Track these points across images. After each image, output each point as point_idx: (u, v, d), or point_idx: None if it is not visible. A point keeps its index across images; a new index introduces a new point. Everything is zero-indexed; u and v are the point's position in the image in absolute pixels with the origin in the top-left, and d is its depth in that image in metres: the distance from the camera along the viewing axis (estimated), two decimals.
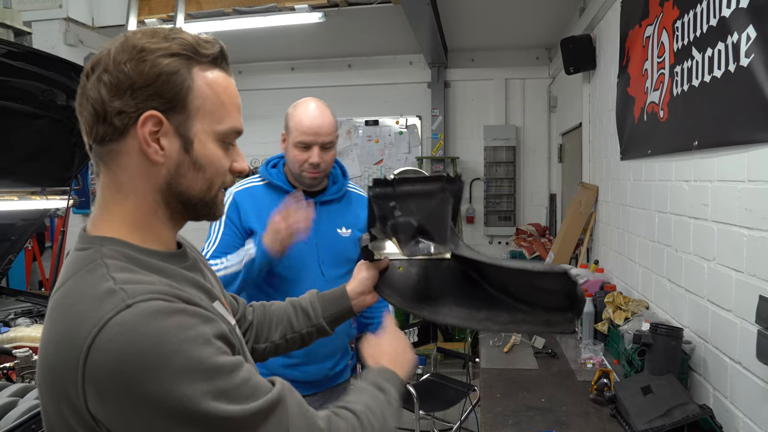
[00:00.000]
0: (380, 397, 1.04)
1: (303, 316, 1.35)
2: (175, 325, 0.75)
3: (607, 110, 3.54)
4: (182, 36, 0.87)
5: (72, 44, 4.92)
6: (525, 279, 1.19)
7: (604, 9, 3.69)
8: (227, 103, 0.90)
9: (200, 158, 0.88)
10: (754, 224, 1.69)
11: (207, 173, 0.89)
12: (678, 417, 1.74)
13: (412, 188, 1.34)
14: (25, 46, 2.49)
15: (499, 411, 2.06)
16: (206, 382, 0.74)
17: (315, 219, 1.94)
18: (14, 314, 2.78)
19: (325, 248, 1.99)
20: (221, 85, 0.90)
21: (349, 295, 1.36)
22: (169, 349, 0.73)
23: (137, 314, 0.74)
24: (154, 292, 0.77)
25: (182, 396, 0.73)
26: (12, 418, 1.68)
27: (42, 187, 2.91)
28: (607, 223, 3.65)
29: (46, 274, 5.72)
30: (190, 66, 0.86)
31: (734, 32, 1.74)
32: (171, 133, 0.85)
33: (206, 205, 0.92)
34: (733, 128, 1.80)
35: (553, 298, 1.16)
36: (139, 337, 0.72)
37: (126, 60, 0.82)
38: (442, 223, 1.32)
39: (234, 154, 0.94)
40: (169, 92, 0.84)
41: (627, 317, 2.56)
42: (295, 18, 4.71)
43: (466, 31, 5.68)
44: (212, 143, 0.89)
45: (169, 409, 0.73)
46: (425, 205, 1.31)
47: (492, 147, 6.38)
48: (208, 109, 0.88)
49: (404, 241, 1.31)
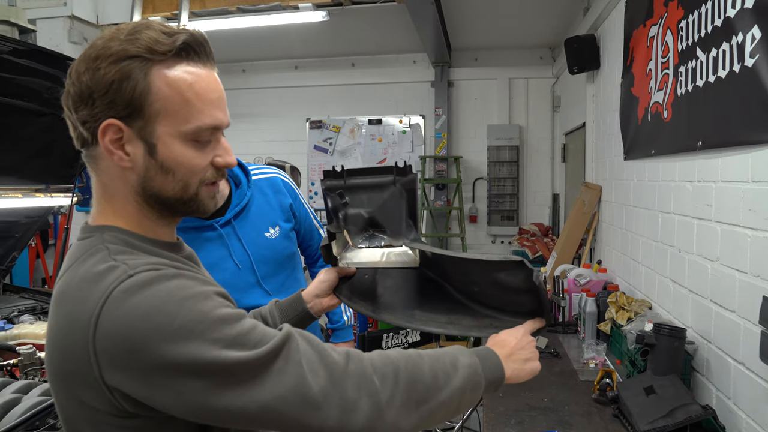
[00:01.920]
0: (445, 353, 0.96)
1: (263, 323, 1.35)
2: (176, 286, 0.79)
3: (611, 110, 3.53)
4: (140, 36, 0.82)
5: (76, 42, 4.93)
6: (485, 274, 1.18)
7: (609, 9, 3.68)
8: (193, 101, 0.85)
9: (167, 161, 0.85)
10: (758, 225, 1.68)
11: (177, 175, 0.87)
12: (681, 417, 1.74)
13: (363, 180, 1.33)
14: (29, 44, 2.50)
15: (501, 410, 2.06)
16: (213, 332, 0.77)
17: (238, 238, 1.82)
18: (18, 311, 2.79)
19: (261, 262, 1.85)
20: (185, 81, 0.84)
21: (305, 298, 1.33)
22: (173, 307, 0.76)
23: (139, 281, 0.77)
24: (154, 264, 0.81)
25: (191, 348, 0.75)
26: (16, 414, 1.69)
27: (46, 185, 2.92)
28: (611, 223, 3.64)
29: (49, 272, 5.73)
30: (146, 67, 0.82)
31: (739, 32, 1.73)
32: (134, 138, 0.84)
33: (186, 203, 0.90)
34: (737, 129, 1.80)
35: (519, 299, 1.14)
36: (143, 300, 0.76)
37: (84, 70, 0.82)
38: (394, 216, 1.30)
39: (216, 148, 0.90)
40: (123, 99, 0.82)
41: (630, 317, 2.56)
42: (299, 17, 4.71)
43: (469, 30, 5.67)
44: (179, 145, 0.86)
45: (182, 363, 0.75)
46: (376, 197, 1.30)
47: (495, 146, 6.37)
48: (171, 110, 0.84)
49: (355, 232, 1.29)
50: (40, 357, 2.16)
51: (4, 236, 3.16)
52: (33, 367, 2.12)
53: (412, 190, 1.31)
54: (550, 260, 4.45)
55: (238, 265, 1.80)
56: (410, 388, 0.88)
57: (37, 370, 2.13)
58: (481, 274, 1.19)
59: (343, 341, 2.16)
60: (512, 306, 1.17)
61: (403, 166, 1.32)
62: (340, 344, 2.09)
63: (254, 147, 6.54)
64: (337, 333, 2.16)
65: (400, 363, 0.89)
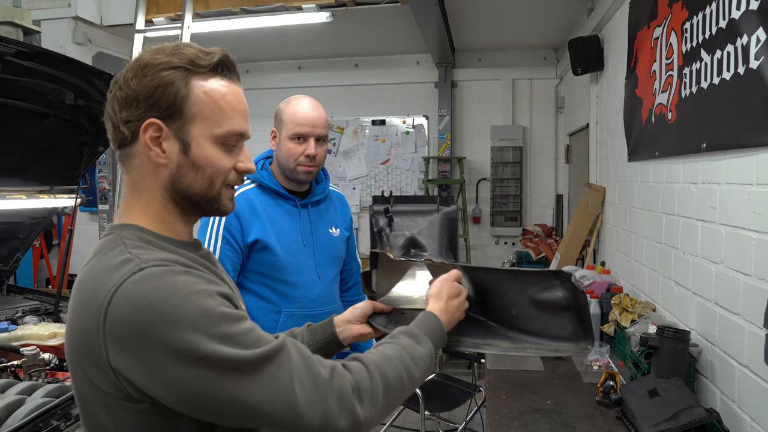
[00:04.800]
0: (407, 348, 1.06)
1: None
2: (183, 281, 0.86)
3: (615, 111, 3.53)
4: (183, 51, 0.96)
5: (80, 43, 4.95)
6: (523, 292, 1.19)
7: (613, 10, 3.67)
8: (225, 109, 0.97)
9: (198, 159, 0.97)
10: (763, 227, 1.68)
11: (206, 173, 0.97)
12: (685, 420, 1.73)
13: (408, 207, 1.44)
14: (34, 46, 2.51)
15: (504, 412, 2.06)
16: (213, 327, 0.84)
17: (310, 222, 1.99)
18: (22, 312, 2.80)
19: (321, 250, 2.01)
20: (219, 92, 0.97)
21: (335, 322, 1.36)
22: (178, 300, 0.83)
23: (149, 274, 0.85)
24: (165, 260, 0.89)
25: (191, 339, 0.82)
26: (20, 416, 1.69)
27: (50, 186, 2.93)
28: (614, 225, 3.63)
29: (53, 272, 5.75)
30: (187, 77, 0.95)
31: (744, 34, 1.73)
32: (171, 137, 0.95)
33: (209, 201, 1.00)
34: (742, 131, 1.79)
35: (559, 321, 1.14)
36: (151, 290, 0.83)
37: (132, 77, 0.94)
38: (435, 239, 1.36)
39: (239, 154, 1.02)
40: (166, 101, 0.94)
41: (633, 319, 2.55)
42: (303, 17, 4.71)
43: (473, 31, 5.67)
44: (210, 145, 0.97)
45: (180, 352, 0.82)
46: (420, 221, 1.39)
47: (499, 147, 6.37)
48: (205, 114, 0.96)
49: (397, 250, 1.33)
50: (44, 358, 2.17)
51: (9, 237, 3.17)
52: (37, 369, 2.13)
53: (454, 219, 1.40)
54: (554, 261, 4.44)
55: (304, 243, 1.96)
56: (385, 399, 0.98)
57: (40, 372, 2.13)
58: (520, 291, 1.21)
59: None
60: (552, 329, 1.18)
61: (446, 197, 1.40)
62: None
63: (258, 147, 6.43)
64: None
65: (375, 376, 0.97)
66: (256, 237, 1.87)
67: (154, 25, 4.75)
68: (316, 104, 1.95)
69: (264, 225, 1.89)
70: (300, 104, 1.93)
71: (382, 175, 6.69)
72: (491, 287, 1.28)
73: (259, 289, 1.91)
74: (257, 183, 1.96)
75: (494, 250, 6.57)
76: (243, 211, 1.89)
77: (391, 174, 6.68)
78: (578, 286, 1.12)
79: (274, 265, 1.90)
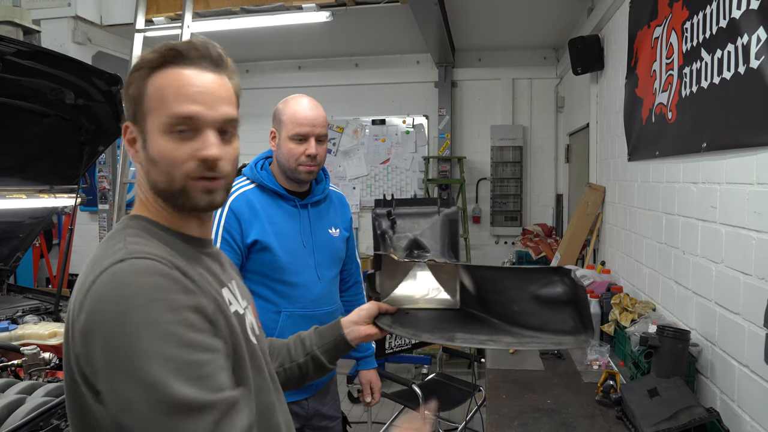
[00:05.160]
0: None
1: (300, 345, 1.38)
2: (152, 284, 0.83)
3: (615, 111, 3.53)
4: (152, 50, 0.97)
5: (80, 42, 4.95)
6: (524, 288, 1.21)
7: (613, 9, 3.67)
8: (168, 95, 0.94)
9: (153, 153, 0.95)
10: (763, 227, 1.68)
11: (161, 166, 0.95)
12: (685, 420, 1.73)
13: (409, 209, 1.46)
14: (34, 45, 2.51)
15: (504, 412, 2.06)
16: (159, 344, 0.79)
17: (309, 222, 1.99)
18: (22, 311, 2.80)
19: (321, 251, 2.01)
20: (165, 80, 0.95)
21: (342, 324, 1.38)
22: (138, 303, 0.81)
23: (126, 267, 0.84)
24: (151, 253, 0.88)
25: (135, 350, 0.78)
26: (20, 415, 1.69)
27: (50, 186, 2.93)
28: (614, 224, 3.63)
29: (53, 272, 5.75)
30: (147, 75, 0.96)
31: (744, 34, 1.73)
32: (138, 136, 0.98)
33: (175, 196, 0.96)
34: (742, 130, 1.79)
35: (560, 316, 1.16)
36: (120, 285, 0.83)
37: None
38: (436, 239, 1.38)
39: (200, 141, 0.95)
40: (132, 103, 0.97)
41: (634, 319, 2.55)
42: (303, 17, 4.71)
43: (473, 30, 5.67)
44: (160, 137, 0.94)
45: (118, 359, 0.79)
46: (422, 223, 1.42)
47: (499, 147, 6.36)
48: (153, 107, 0.95)
49: (400, 251, 1.36)
50: (44, 357, 2.17)
51: (9, 237, 3.17)
52: (37, 368, 2.13)
53: (454, 220, 1.43)
54: (554, 261, 4.44)
55: (304, 243, 1.96)
56: None
57: (41, 371, 2.13)
58: (521, 288, 1.22)
59: (367, 368, 2.25)
60: (554, 324, 1.19)
61: (446, 199, 1.42)
62: (365, 371, 2.23)
63: (258, 147, 6.47)
64: (366, 360, 2.25)
65: None
66: (255, 237, 1.87)
67: (154, 24, 4.75)
68: (315, 103, 1.94)
69: (263, 225, 1.89)
70: (299, 104, 1.92)
71: (382, 174, 6.69)
72: (493, 285, 1.30)
73: (259, 289, 1.91)
74: (257, 183, 1.96)
75: (494, 250, 6.56)
76: (242, 212, 1.89)
77: (391, 174, 6.68)
78: (578, 281, 1.13)
79: (274, 265, 1.90)
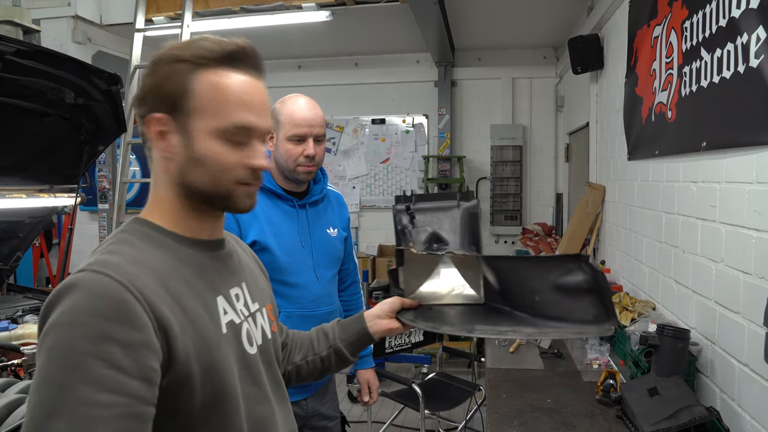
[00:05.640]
0: None
1: (323, 338, 1.38)
2: (86, 306, 0.79)
3: (615, 110, 3.53)
4: (196, 43, 0.94)
5: (80, 42, 4.94)
6: (545, 278, 1.21)
7: (612, 8, 3.67)
8: (230, 101, 0.94)
9: (200, 154, 0.94)
10: (763, 226, 1.68)
11: (208, 168, 0.94)
12: (685, 419, 1.73)
13: (429, 204, 1.45)
14: (34, 45, 2.51)
15: (504, 411, 2.06)
16: (62, 373, 0.76)
17: (308, 222, 1.99)
18: (22, 311, 2.80)
19: (319, 251, 2.00)
20: (223, 84, 0.94)
21: (365, 317, 1.38)
22: (64, 321, 0.79)
23: (79, 279, 0.82)
24: (110, 268, 0.83)
25: (42, 371, 0.77)
26: (20, 414, 1.69)
27: (50, 185, 2.93)
28: (614, 224, 3.64)
29: (53, 271, 5.75)
30: (193, 70, 0.93)
31: (744, 33, 1.73)
32: (176, 132, 0.94)
33: (218, 198, 0.97)
34: (742, 129, 1.79)
35: (581, 304, 1.16)
36: (61, 296, 0.81)
37: (146, 74, 0.96)
38: (456, 233, 1.38)
39: (250, 150, 0.97)
40: (170, 95, 0.93)
41: (634, 318, 2.55)
42: (303, 16, 4.71)
43: (473, 29, 5.67)
44: (212, 140, 0.94)
45: (41, 370, 0.78)
46: (441, 217, 1.42)
47: (499, 146, 6.36)
48: (208, 108, 0.93)
49: (419, 245, 1.36)
50: None
51: (9, 236, 3.17)
52: None
53: (474, 214, 1.42)
54: None
55: (302, 244, 1.96)
56: None
57: None
58: (541, 278, 1.22)
59: (364, 368, 2.25)
60: (576, 314, 1.19)
61: (466, 192, 1.46)
62: (362, 371, 2.23)
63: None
64: (364, 359, 2.25)
65: None
66: (254, 238, 1.87)
67: (153, 24, 4.74)
68: (313, 103, 1.94)
69: (262, 226, 1.89)
70: (296, 104, 1.91)
71: (381, 174, 6.69)
72: (513, 276, 1.30)
73: None
74: None
75: (494, 249, 6.56)
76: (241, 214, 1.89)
77: (391, 173, 6.68)
78: (597, 268, 1.13)
79: (273, 266, 1.89)
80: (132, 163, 5.18)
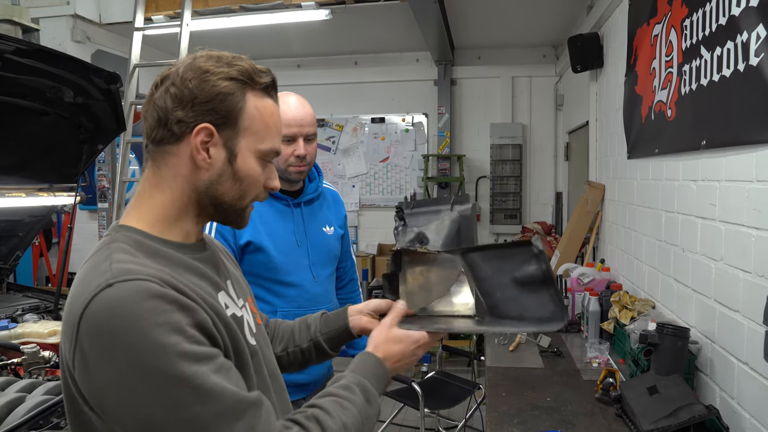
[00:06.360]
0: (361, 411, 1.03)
1: (305, 330, 1.38)
2: (148, 309, 0.82)
3: (614, 109, 3.53)
4: (241, 63, 0.99)
5: (79, 41, 4.94)
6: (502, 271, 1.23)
7: (612, 7, 3.67)
8: (271, 127, 1.02)
9: (240, 171, 0.99)
10: (762, 224, 1.68)
11: (243, 184, 1.00)
12: (684, 417, 1.74)
13: (425, 208, 1.50)
14: (33, 44, 2.50)
15: (504, 409, 2.06)
16: (180, 368, 0.81)
17: (303, 221, 1.98)
18: (22, 310, 2.80)
19: (315, 250, 1.99)
20: (269, 110, 1.01)
21: (348, 311, 1.36)
22: (138, 332, 0.80)
23: (116, 293, 0.82)
24: (138, 273, 0.85)
25: (155, 383, 0.80)
26: (20, 413, 1.70)
27: (50, 184, 2.92)
28: (614, 222, 3.64)
29: (53, 270, 5.75)
30: (244, 90, 0.98)
31: (744, 31, 1.73)
32: (219, 144, 0.97)
33: (235, 212, 1.03)
34: (741, 128, 1.79)
35: (539, 299, 1.19)
36: (115, 316, 0.81)
37: (191, 78, 0.95)
38: (441, 234, 1.40)
39: (269, 171, 1.04)
40: (223, 110, 0.96)
41: (633, 317, 2.55)
42: (302, 15, 4.71)
43: (472, 28, 5.67)
44: (253, 159, 1.00)
45: (129, 386, 0.80)
46: (432, 218, 1.46)
47: (498, 145, 6.37)
48: (255, 129, 0.99)
49: (404, 243, 1.38)
50: (44, 356, 2.17)
51: (8, 235, 3.17)
52: (37, 366, 2.13)
53: (467, 216, 1.44)
54: (553, 259, 4.45)
55: (298, 243, 1.96)
56: None
57: (41, 369, 2.13)
58: (499, 270, 1.23)
59: None
60: (533, 311, 1.20)
61: (462, 195, 1.48)
62: None
63: None
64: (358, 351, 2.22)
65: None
66: (248, 239, 1.85)
67: (153, 22, 4.74)
68: (303, 102, 1.91)
69: (256, 226, 1.87)
70: (285, 104, 1.87)
71: (381, 173, 6.69)
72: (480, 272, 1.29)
73: (254, 289, 1.88)
74: None
75: None
76: None
77: (391, 172, 6.68)
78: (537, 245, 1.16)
79: (268, 265, 1.89)
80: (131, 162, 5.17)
